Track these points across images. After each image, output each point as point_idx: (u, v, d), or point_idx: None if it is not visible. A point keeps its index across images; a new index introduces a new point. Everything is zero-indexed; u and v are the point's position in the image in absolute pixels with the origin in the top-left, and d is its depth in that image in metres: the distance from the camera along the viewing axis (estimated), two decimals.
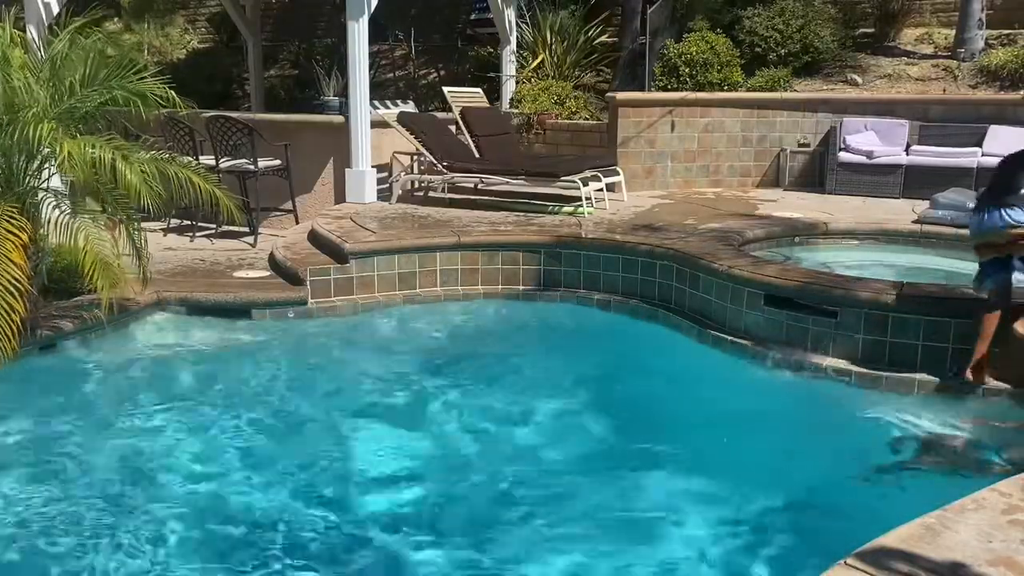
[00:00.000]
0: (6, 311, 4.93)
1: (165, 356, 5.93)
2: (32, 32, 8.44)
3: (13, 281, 5.03)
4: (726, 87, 10.38)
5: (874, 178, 9.15)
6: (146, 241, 6.11)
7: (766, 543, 3.72)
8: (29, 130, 5.28)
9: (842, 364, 5.36)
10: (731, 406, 5.16)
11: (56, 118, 5.48)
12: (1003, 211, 4.76)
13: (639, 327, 6.48)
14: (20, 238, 5.22)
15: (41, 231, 5.80)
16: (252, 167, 8.46)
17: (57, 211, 5.76)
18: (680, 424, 4.94)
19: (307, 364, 5.86)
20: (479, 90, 10.37)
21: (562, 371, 5.71)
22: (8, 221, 5.23)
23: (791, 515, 3.98)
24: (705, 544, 3.75)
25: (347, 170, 8.82)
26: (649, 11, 11.26)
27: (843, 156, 9.29)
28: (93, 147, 5.40)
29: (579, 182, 8.16)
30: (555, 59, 11.60)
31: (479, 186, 9.11)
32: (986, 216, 4.85)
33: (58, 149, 5.28)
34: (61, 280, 6.22)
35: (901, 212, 8.17)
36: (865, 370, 5.28)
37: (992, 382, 4.97)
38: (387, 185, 9.08)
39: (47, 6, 8.93)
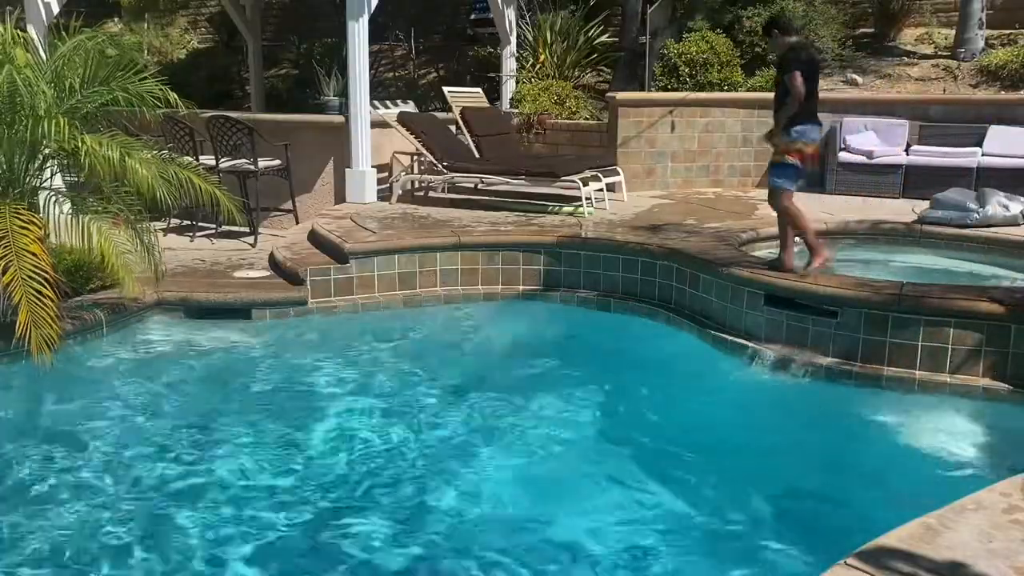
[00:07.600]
0: (35, 297, 5.04)
1: (166, 356, 5.94)
2: (33, 32, 8.45)
3: (36, 271, 5.13)
4: (726, 87, 10.39)
5: (874, 178, 9.15)
6: (157, 237, 6.13)
7: (765, 543, 3.72)
8: (42, 125, 5.31)
9: (843, 364, 5.36)
10: (730, 406, 5.18)
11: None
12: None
13: (638, 327, 6.47)
14: (34, 231, 5.29)
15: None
16: (252, 167, 8.47)
17: (58, 210, 5.78)
18: (673, 423, 4.95)
19: (308, 364, 5.86)
20: (479, 90, 10.38)
21: (560, 370, 5.72)
22: (18, 217, 5.29)
23: (791, 516, 3.99)
24: (701, 542, 3.76)
25: (347, 170, 8.83)
26: (649, 11, 11.27)
27: (843, 156, 9.29)
28: (100, 145, 5.43)
29: (579, 182, 8.16)
30: (555, 59, 11.60)
31: (479, 186, 9.12)
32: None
33: (80, 144, 5.32)
34: (62, 282, 6.22)
35: (901, 212, 8.16)
36: (866, 370, 5.29)
37: (992, 382, 5.03)
38: (387, 185, 9.09)
39: (47, 6, 8.94)
